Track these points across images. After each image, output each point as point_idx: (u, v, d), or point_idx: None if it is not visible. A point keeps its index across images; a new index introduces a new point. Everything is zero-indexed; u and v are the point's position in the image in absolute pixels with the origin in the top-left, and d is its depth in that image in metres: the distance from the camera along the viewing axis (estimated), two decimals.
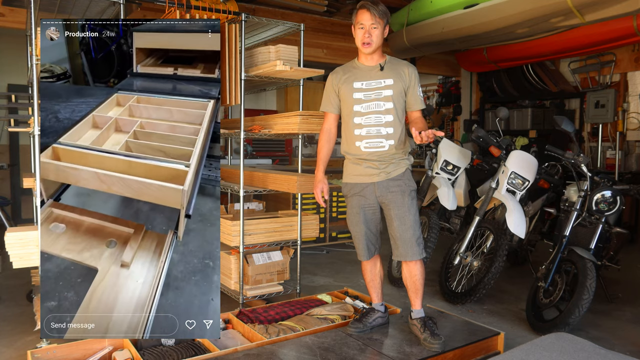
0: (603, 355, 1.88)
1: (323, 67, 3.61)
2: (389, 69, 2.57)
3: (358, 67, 2.62)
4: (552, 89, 7.06)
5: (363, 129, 2.56)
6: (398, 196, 2.56)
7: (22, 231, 2.61)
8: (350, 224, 2.70)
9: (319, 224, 3.70)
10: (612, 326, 3.26)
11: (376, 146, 2.55)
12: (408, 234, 2.56)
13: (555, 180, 3.99)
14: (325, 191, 2.67)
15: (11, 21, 4.48)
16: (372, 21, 2.47)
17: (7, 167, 5.16)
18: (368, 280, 2.78)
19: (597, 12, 4.43)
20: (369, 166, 2.58)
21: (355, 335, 2.62)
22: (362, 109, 2.56)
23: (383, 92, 2.54)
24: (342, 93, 2.61)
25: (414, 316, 2.66)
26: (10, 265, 2.61)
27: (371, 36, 2.49)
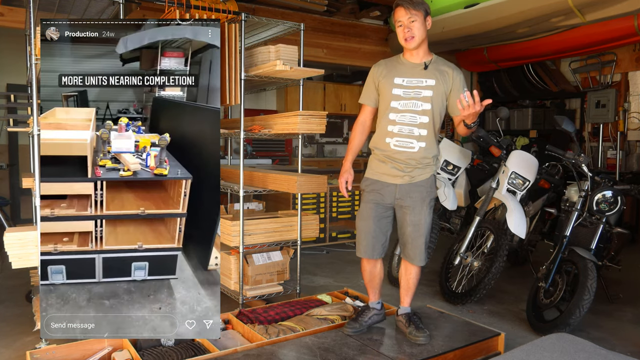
0: (604, 355, 1.87)
1: (323, 67, 3.60)
2: (433, 69, 2.50)
3: (402, 62, 2.56)
4: (552, 88, 7.05)
5: (396, 126, 2.50)
6: (417, 202, 2.53)
7: (21, 231, 2.60)
8: (360, 217, 2.63)
9: (319, 224, 3.70)
10: (613, 327, 3.25)
11: (406, 146, 2.50)
12: (420, 241, 2.56)
13: (556, 180, 3.98)
14: (350, 182, 2.62)
15: (10, 20, 4.47)
16: (409, 15, 2.42)
17: (6, 167, 5.15)
18: (367, 280, 2.75)
19: (598, 12, 4.43)
20: (395, 167, 2.53)
21: (355, 335, 2.61)
22: (399, 105, 2.50)
23: (423, 91, 2.48)
24: (382, 87, 2.55)
25: (400, 312, 2.72)
26: (10, 265, 2.59)
27: (411, 30, 2.43)
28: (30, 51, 3.32)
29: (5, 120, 4.93)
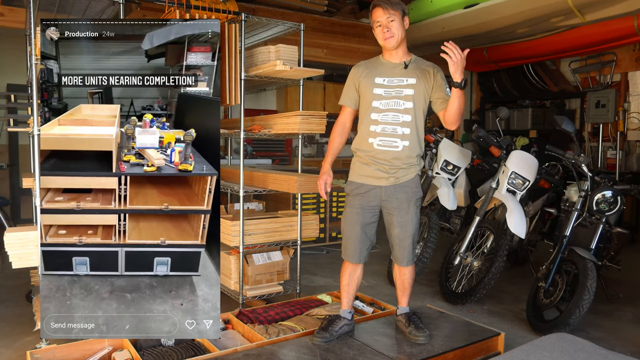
0: (604, 355, 1.87)
1: (323, 67, 3.60)
2: (413, 68, 2.51)
3: (382, 62, 2.57)
4: (552, 88, 7.05)
5: (379, 125, 2.50)
6: (404, 203, 2.54)
7: (21, 231, 2.60)
8: (346, 223, 2.61)
9: (319, 224, 3.70)
10: (613, 327, 3.25)
11: (390, 145, 2.49)
12: (407, 242, 2.57)
13: (556, 180, 3.98)
14: (329, 183, 2.60)
15: (10, 21, 4.47)
16: (387, 15, 2.42)
17: (7, 167, 5.15)
18: (344, 283, 2.67)
19: (598, 12, 4.44)
20: (379, 169, 2.52)
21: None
22: (380, 105, 2.50)
23: (404, 90, 2.48)
24: (362, 87, 2.55)
25: (399, 312, 2.73)
26: (10, 265, 2.60)
27: (390, 29, 2.43)
28: (31, 51, 3.33)
29: (6, 120, 4.93)
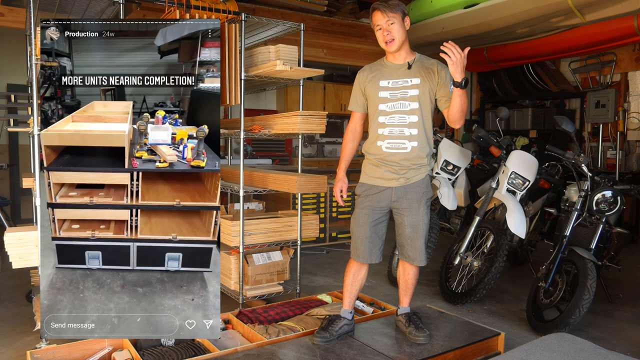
0: (603, 355, 1.87)
1: (323, 67, 3.61)
2: (417, 68, 2.50)
3: (386, 65, 2.57)
4: (552, 88, 7.05)
5: (386, 128, 2.51)
6: (414, 204, 2.53)
7: (21, 231, 2.60)
8: (356, 223, 2.60)
9: (319, 224, 3.70)
10: (613, 326, 3.25)
11: (398, 147, 2.49)
12: (419, 242, 2.56)
13: (556, 180, 3.98)
14: (344, 190, 2.62)
15: (11, 21, 4.47)
16: (386, 18, 2.42)
17: (7, 167, 5.15)
18: (347, 282, 2.66)
19: (598, 12, 4.44)
20: (389, 170, 2.52)
21: (355, 335, 2.60)
22: (387, 108, 2.51)
23: (409, 91, 2.48)
24: (369, 91, 2.56)
25: (399, 312, 2.73)
26: (10, 265, 2.60)
27: (391, 32, 2.44)
28: (31, 51, 3.33)
29: (6, 120, 4.94)
